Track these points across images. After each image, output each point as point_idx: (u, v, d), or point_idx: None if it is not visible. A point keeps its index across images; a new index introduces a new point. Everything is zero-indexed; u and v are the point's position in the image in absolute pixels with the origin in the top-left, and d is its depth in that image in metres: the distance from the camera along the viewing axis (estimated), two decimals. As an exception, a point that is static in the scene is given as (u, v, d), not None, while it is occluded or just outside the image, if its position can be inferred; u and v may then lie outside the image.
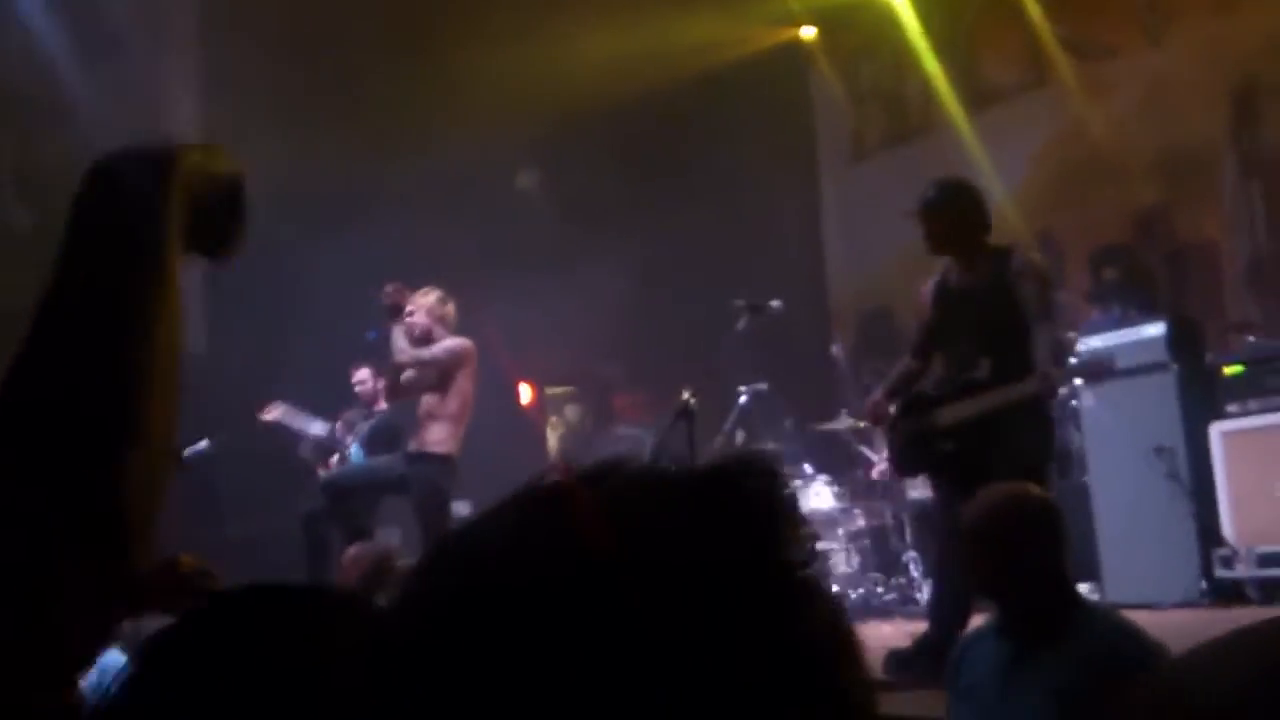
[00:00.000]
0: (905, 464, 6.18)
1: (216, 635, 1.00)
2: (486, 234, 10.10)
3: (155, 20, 10.58)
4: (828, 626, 0.74)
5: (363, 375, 8.58)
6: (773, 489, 0.75)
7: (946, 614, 5.32)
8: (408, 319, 7.40)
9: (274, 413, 8.42)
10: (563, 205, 10.80)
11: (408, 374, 7.47)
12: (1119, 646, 3.02)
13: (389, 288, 7.48)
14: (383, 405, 8.39)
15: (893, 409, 5.85)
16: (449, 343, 7.42)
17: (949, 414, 5.47)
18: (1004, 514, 3.33)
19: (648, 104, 10.68)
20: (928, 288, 5.74)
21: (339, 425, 8.51)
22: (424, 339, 7.40)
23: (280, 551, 8.09)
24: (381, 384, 8.27)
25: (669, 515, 0.72)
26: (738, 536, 0.72)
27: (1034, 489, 3.60)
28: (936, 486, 5.98)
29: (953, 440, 5.44)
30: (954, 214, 5.53)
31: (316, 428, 8.45)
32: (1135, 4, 9.87)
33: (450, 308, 7.50)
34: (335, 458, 8.40)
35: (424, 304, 7.45)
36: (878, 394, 5.94)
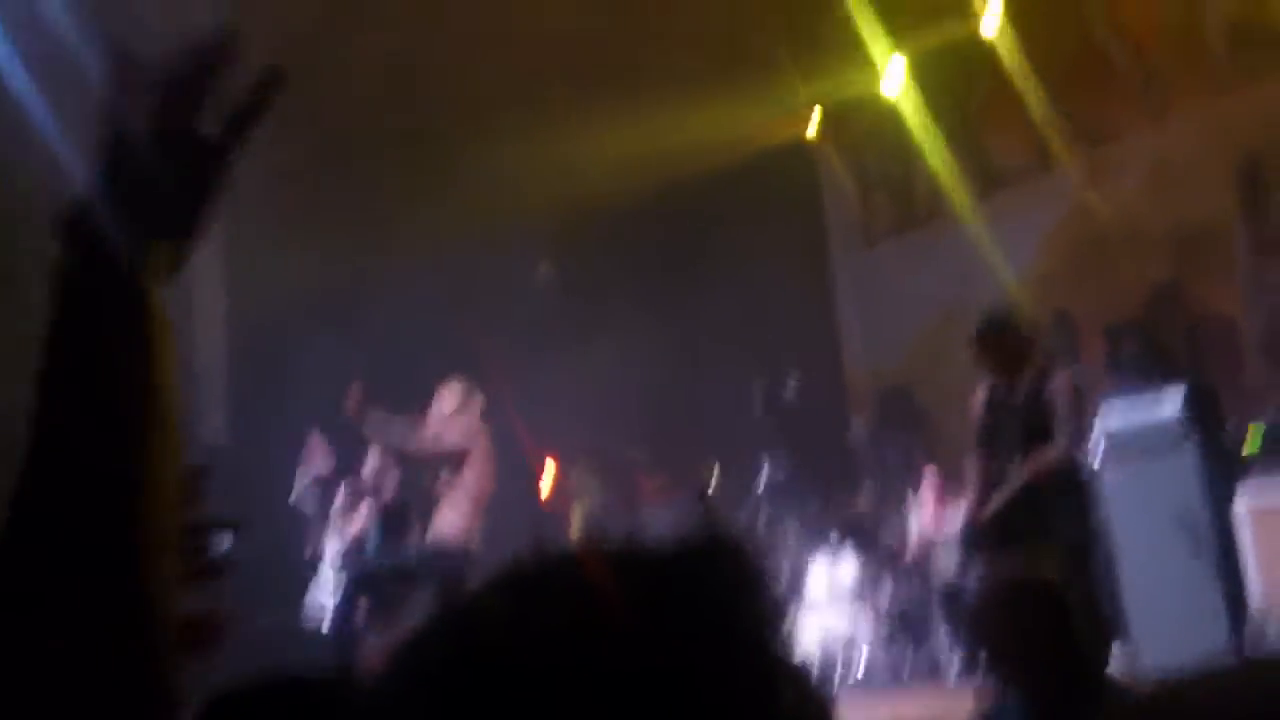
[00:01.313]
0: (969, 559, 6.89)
1: None
2: (504, 327, 10.17)
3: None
4: (797, 701, 0.76)
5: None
6: (739, 566, 0.78)
7: None
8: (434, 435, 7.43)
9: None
10: (580, 298, 10.89)
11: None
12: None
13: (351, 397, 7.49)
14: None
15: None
16: (459, 430, 7.42)
17: (985, 511, 6.45)
18: (1001, 602, 3.36)
19: (660, 197, 10.81)
20: (978, 397, 6.69)
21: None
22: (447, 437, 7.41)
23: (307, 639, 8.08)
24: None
25: (645, 593, 0.75)
26: (705, 611, 0.75)
27: (1038, 576, 3.55)
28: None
29: (994, 535, 6.36)
30: (1006, 340, 6.55)
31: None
32: (1135, 86, 10.03)
33: (477, 400, 7.54)
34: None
35: (453, 390, 7.53)
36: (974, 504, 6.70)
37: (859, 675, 8.12)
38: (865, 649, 8.28)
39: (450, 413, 7.50)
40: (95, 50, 1.05)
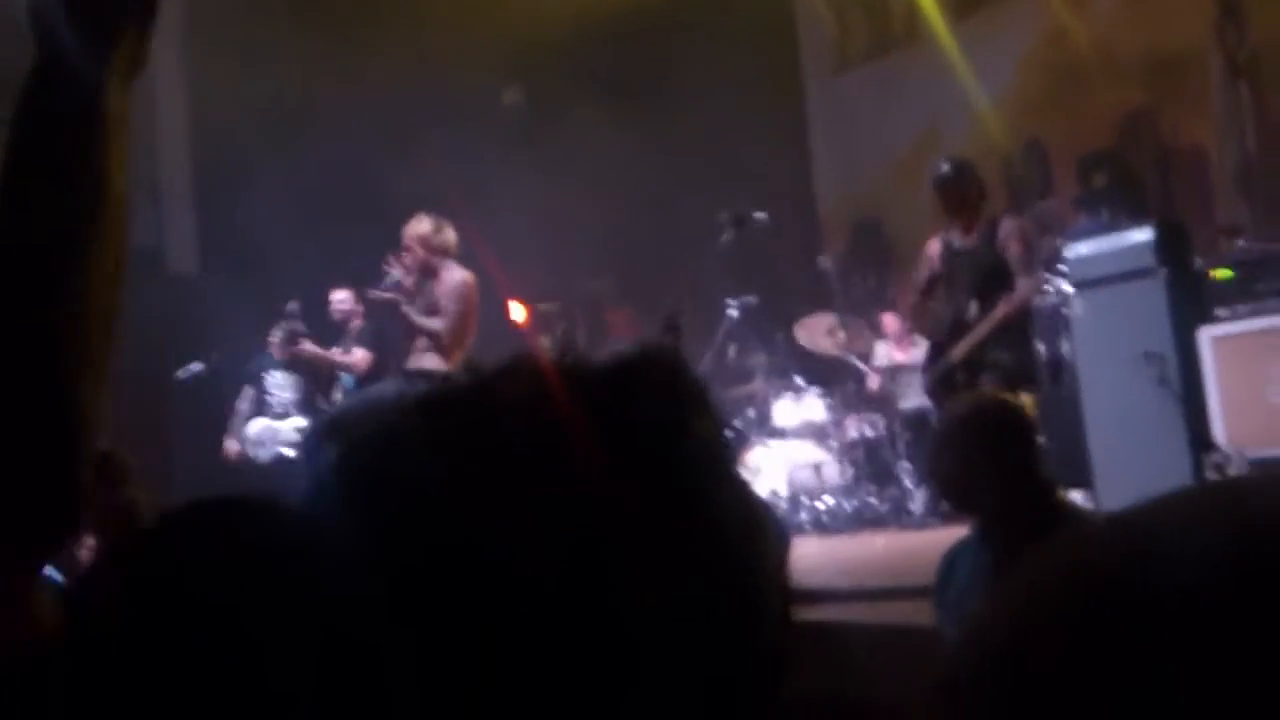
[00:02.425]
0: (936, 400, 7.22)
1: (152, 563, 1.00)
2: (470, 155, 10.02)
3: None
4: (736, 508, 0.75)
5: (342, 296, 8.52)
6: (675, 377, 0.76)
7: None
8: (404, 255, 7.05)
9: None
10: (546, 123, 10.70)
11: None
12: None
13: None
14: (356, 324, 8.38)
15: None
16: (454, 298, 6.99)
17: (956, 352, 6.85)
18: (964, 420, 3.34)
19: (629, 19, 10.55)
20: (933, 246, 7.11)
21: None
22: (424, 273, 7.11)
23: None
24: (361, 308, 8.30)
25: (581, 408, 0.73)
26: (643, 424, 0.74)
27: (995, 395, 3.65)
28: None
29: (961, 371, 6.80)
30: (962, 189, 6.91)
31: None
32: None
33: (448, 235, 7.08)
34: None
35: (417, 235, 7.06)
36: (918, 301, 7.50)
37: (824, 513, 8.23)
38: (829, 484, 8.37)
39: (424, 254, 7.22)
40: None
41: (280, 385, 8.75)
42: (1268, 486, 0.61)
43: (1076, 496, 6.36)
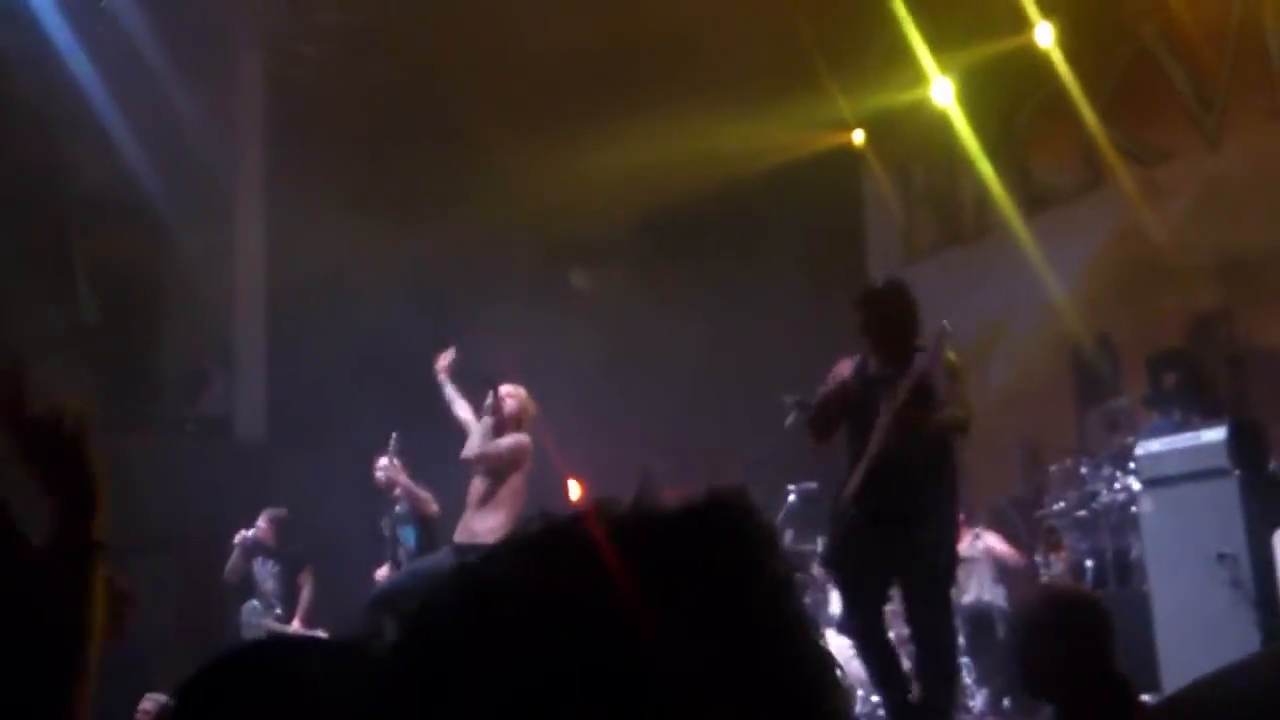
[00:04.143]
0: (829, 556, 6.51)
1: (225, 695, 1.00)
2: (535, 335, 10.14)
3: (224, 123, 10.85)
4: (809, 652, 0.74)
5: (384, 463, 8.62)
6: (744, 521, 0.77)
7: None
8: (502, 398, 7.42)
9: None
10: (609, 306, 10.84)
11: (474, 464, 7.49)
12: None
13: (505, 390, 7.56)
14: (399, 482, 8.45)
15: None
16: (513, 440, 7.41)
17: (851, 485, 5.88)
18: (1047, 609, 3.31)
19: (700, 206, 10.75)
20: (846, 366, 6.17)
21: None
22: (502, 426, 7.40)
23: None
24: (398, 464, 8.53)
25: (654, 550, 0.74)
26: (711, 565, 0.74)
27: (1074, 586, 3.61)
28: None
29: (861, 514, 5.82)
30: (893, 309, 6.07)
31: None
32: (1191, 109, 9.85)
33: (533, 409, 7.56)
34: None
35: (520, 395, 7.52)
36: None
37: (881, 706, 7.97)
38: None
39: (510, 415, 7.46)
40: None
41: (264, 576, 9.04)
42: None
43: (1146, 700, 6.11)
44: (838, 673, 0.77)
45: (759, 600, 0.74)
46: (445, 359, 7.93)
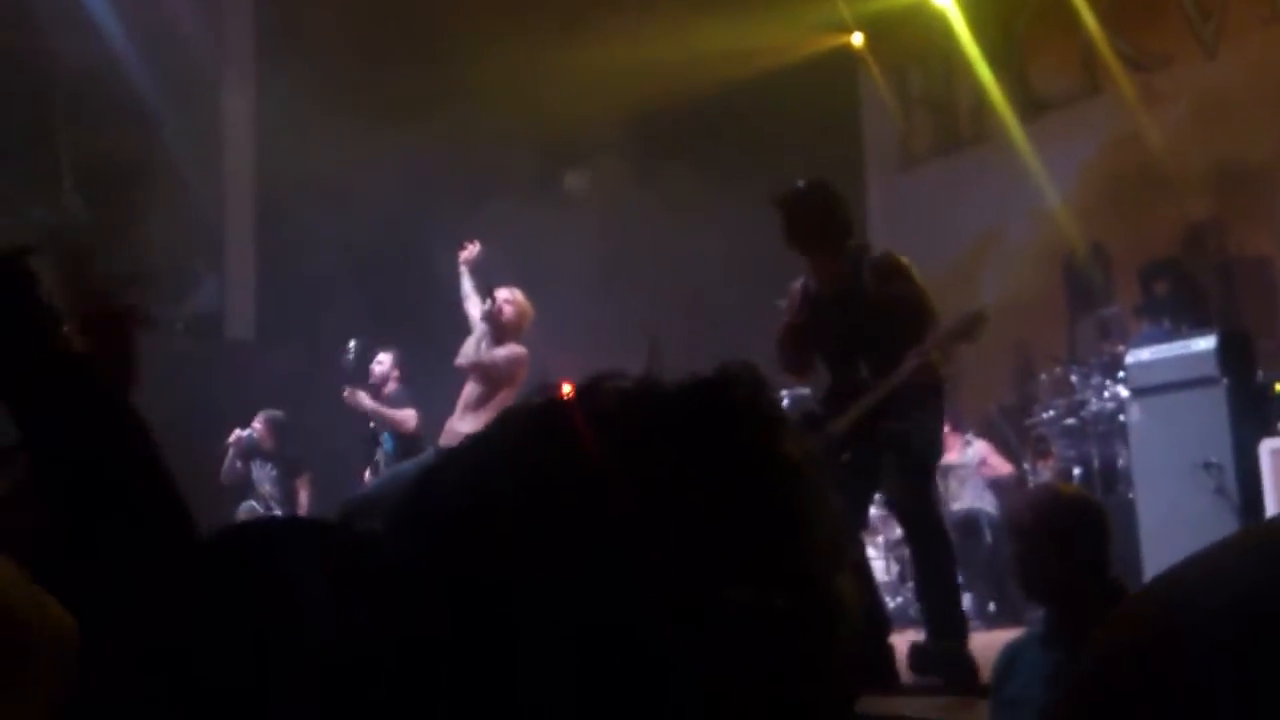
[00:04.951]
0: None
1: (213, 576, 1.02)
2: (531, 238, 10.10)
3: (213, 14, 10.69)
4: (826, 523, 0.72)
5: (384, 358, 8.60)
6: (757, 395, 0.74)
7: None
8: (499, 305, 7.32)
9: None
10: (606, 208, 10.78)
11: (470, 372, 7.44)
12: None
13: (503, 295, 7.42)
14: (392, 386, 8.43)
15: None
16: (509, 350, 7.31)
17: (838, 425, 5.27)
18: (1049, 511, 3.33)
19: (697, 108, 10.65)
20: (797, 288, 5.61)
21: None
22: (500, 334, 7.32)
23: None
24: (397, 372, 8.45)
25: (658, 424, 0.72)
26: (726, 437, 0.72)
27: (1075, 488, 3.62)
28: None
29: (847, 450, 5.22)
30: (819, 211, 5.48)
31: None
32: (1190, 16, 9.76)
33: (532, 314, 7.45)
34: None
35: (519, 300, 7.39)
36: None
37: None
38: (881, 580, 8.24)
39: (508, 322, 7.38)
40: None
41: (262, 479, 9.07)
42: None
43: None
44: (849, 545, 0.77)
45: (770, 483, 0.72)
46: (470, 251, 7.75)
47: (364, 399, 8.31)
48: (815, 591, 0.71)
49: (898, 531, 8.42)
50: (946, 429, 8.91)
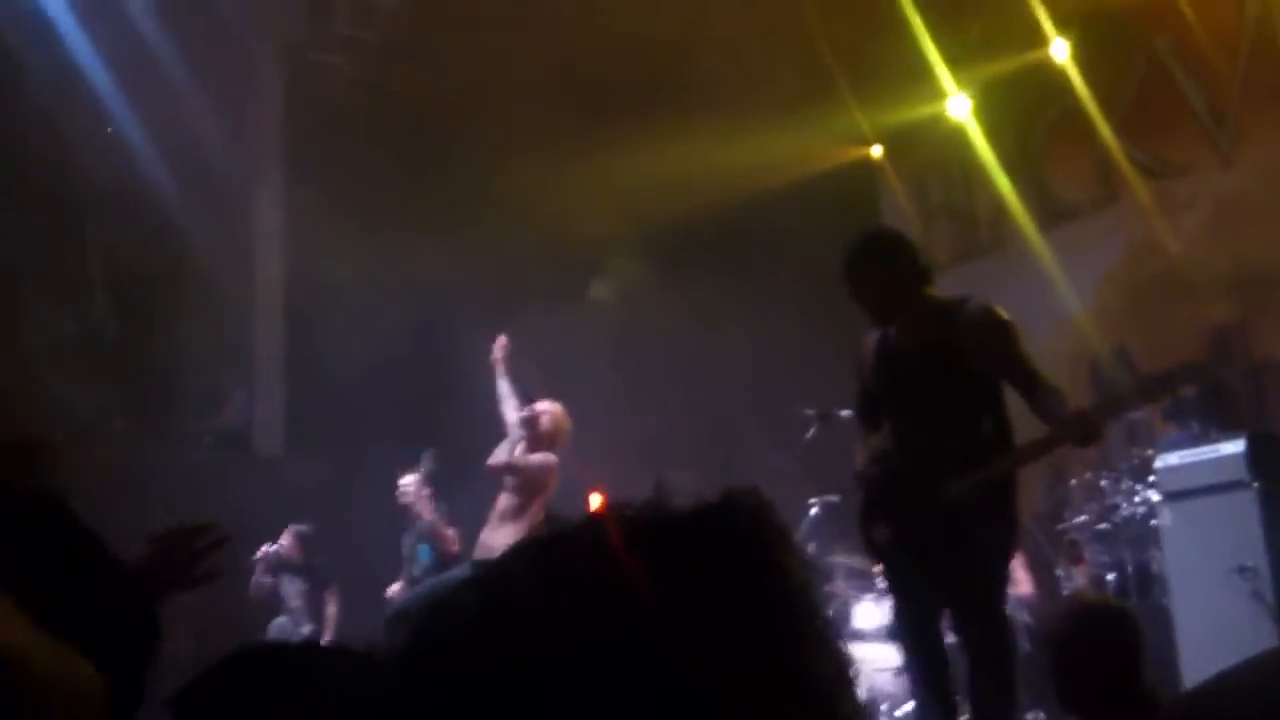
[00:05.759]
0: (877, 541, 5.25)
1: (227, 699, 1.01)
2: (556, 346, 10.16)
3: (243, 134, 10.87)
4: (824, 653, 0.75)
5: (408, 482, 8.60)
6: (758, 520, 0.77)
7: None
8: (538, 413, 7.34)
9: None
10: (631, 316, 10.85)
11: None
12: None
13: (542, 406, 7.40)
14: (426, 515, 8.41)
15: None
16: (543, 458, 7.31)
17: (955, 487, 4.77)
18: (1081, 622, 3.31)
19: (717, 217, 10.77)
20: (869, 344, 5.21)
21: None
22: (535, 443, 7.31)
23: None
24: (426, 493, 8.36)
25: (669, 550, 0.74)
26: (726, 563, 0.74)
27: (1107, 597, 3.58)
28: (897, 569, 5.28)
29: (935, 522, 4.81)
30: (878, 265, 5.01)
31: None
32: (1205, 124, 9.87)
33: (568, 427, 7.46)
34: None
35: (556, 412, 7.42)
36: (862, 461, 5.26)
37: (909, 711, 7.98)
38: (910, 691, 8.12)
39: (544, 432, 7.39)
40: None
41: (290, 594, 9.05)
42: None
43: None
44: (854, 679, 0.77)
45: (774, 600, 0.74)
46: (500, 348, 7.67)
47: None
48: (819, 706, 0.72)
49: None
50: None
